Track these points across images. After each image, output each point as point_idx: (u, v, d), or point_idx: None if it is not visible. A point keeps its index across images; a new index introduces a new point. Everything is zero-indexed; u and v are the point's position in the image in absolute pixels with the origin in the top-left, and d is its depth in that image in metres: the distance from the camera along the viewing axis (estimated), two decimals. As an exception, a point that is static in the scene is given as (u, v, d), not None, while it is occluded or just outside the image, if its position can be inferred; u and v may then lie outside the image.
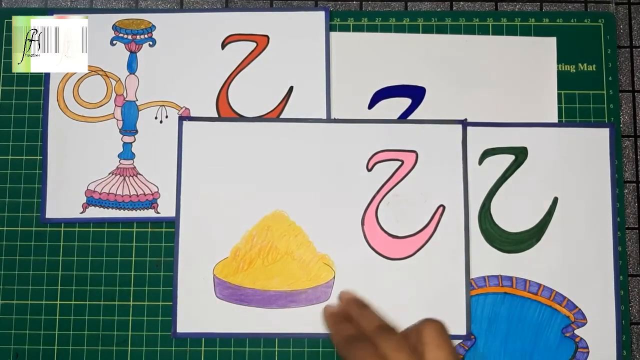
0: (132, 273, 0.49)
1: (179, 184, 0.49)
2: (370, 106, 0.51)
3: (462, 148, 0.50)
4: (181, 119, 0.50)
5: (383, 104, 0.51)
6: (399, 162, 0.50)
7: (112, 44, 0.52)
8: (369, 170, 0.50)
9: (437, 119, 0.50)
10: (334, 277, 0.48)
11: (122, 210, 0.50)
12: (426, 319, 0.39)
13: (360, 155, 0.50)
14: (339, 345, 0.41)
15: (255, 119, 0.50)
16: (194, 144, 0.50)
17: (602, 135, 0.50)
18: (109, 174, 0.50)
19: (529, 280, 0.48)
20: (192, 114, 0.50)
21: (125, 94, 0.51)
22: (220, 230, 0.49)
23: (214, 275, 0.48)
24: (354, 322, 0.41)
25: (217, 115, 0.50)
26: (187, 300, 0.48)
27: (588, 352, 0.47)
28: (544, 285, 0.48)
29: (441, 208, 0.49)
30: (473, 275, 0.48)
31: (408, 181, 0.49)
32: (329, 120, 0.50)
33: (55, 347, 0.48)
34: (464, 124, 0.50)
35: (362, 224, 0.49)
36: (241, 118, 0.50)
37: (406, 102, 0.51)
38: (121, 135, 0.50)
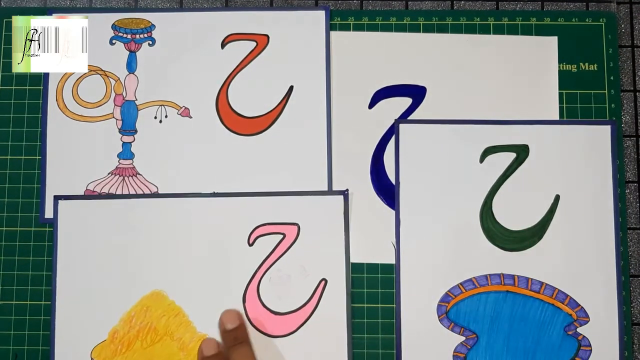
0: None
1: (54, 264, 0.48)
2: (371, 106, 0.51)
3: (345, 219, 0.48)
4: (57, 198, 0.49)
5: (383, 103, 0.51)
6: (281, 236, 0.48)
7: (111, 43, 0.51)
8: (250, 245, 0.48)
9: (319, 190, 0.49)
10: None
11: (121, 210, 0.49)
12: None
13: (241, 230, 0.48)
14: None
15: (130, 196, 0.49)
16: (69, 224, 0.48)
17: (603, 132, 0.50)
18: (109, 173, 0.50)
19: (531, 279, 0.48)
20: (192, 114, 0.50)
21: (124, 94, 0.51)
22: (98, 312, 0.47)
23: (91, 359, 0.47)
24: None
25: (218, 117, 0.50)
26: None
27: (591, 350, 0.47)
28: (546, 284, 0.48)
29: (323, 282, 0.48)
30: (475, 274, 0.48)
31: (290, 255, 0.48)
32: (209, 194, 0.49)
33: (54, 348, 0.48)
34: (345, 194, 0.48)
35: (244, 301, 0.47)
36: (115, 195, 0.49)
37: (406, 101, 0.51)
38: (120, 135, 0.50)
